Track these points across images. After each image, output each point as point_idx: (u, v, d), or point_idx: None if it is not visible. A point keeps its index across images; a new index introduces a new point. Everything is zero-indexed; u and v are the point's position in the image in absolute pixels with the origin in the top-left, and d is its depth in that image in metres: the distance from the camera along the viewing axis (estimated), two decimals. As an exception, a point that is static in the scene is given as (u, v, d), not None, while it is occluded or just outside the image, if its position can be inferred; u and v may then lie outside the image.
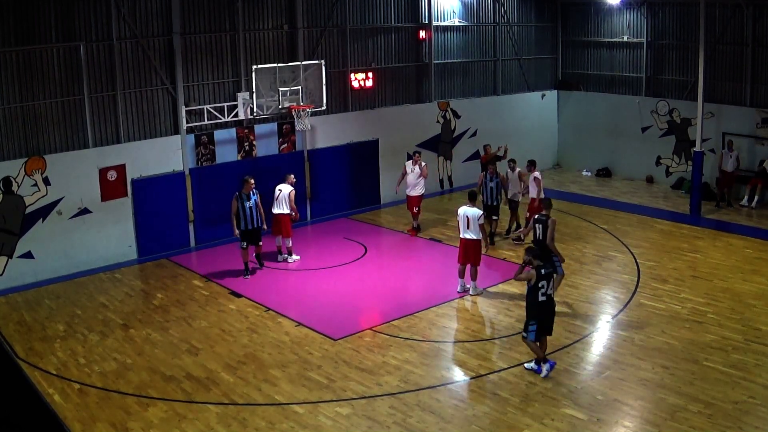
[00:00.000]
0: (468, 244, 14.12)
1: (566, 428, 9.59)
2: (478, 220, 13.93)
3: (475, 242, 14.08)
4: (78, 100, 16.05)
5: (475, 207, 14.18)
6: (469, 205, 14.19)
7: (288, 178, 16.30)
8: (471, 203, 14.24)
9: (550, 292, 10.78)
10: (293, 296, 14.62)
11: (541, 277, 10.67)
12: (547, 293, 10.75)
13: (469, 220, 13.97)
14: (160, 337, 12.83)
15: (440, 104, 22.40)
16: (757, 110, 20.36)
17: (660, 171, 23.00)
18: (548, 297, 10.78)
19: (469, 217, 13.98)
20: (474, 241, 14.07)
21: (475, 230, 13.99)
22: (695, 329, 12.43)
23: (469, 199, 14.35)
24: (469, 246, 14.12)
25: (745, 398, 10.13)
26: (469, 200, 14.32)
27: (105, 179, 16.38)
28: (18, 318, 13.84)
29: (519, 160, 17.82)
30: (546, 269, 10.77)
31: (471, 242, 14.09)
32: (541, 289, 10.68)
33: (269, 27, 18.69)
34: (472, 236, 14.03)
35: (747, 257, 16.01)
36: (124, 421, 10.06)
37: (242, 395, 10.71)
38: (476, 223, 13.94)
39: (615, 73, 24.13)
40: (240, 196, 15.24)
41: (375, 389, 10.76)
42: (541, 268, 10.72)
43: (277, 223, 16.19)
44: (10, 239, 15.31)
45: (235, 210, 15.25)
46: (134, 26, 16.54)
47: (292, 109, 17.58)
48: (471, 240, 14.07)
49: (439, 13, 22.22)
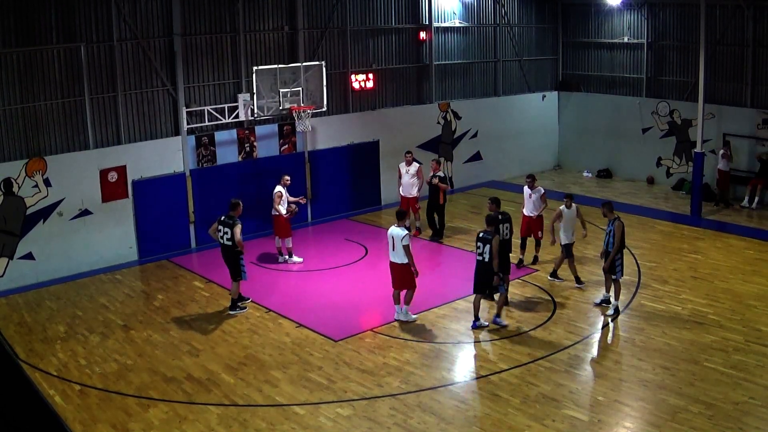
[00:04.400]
0: (394, 268, 13.00)
1: (567, 429, 9.59)
2: (402, 241, 12.65)
3: (401, 266, 12.86)
4: (79, 101, 16.06)
5: (401, 227, 12.89)
6: (396, 224, 12.96)
7: (281, 179, 16.15)
8: (398, 222, 12.96)
9: (480, 258, 12.48)
10: (294, 297, 14.62)
11: (477, 239, 12.54)
12: (483, 255, 12.40)
13: (394, 241, 12.82)
14: (160, 338, 12.84)
15: (441, 105, 22.40)
16: (758, 111, 20.37)
17: (661, 172, 23.00)
18: (481, 259, 12.45)
19: (393, 237, 12.84)
20: (400, 265, 12.87)
21: (400, 253, 12.77)
22: (696, 330, 12.43)
23: (397, 218, 13.12)
24: (395, 270, 13.00)
25: (745, 399, 10.13)
26: (397, 219, 13.07)
27: (106, 180, 16.38)
28: (19, 319, 13.84)
29: (519, 160, 17.74)
30: (484, 234, 12.46)
31: (397, 266, 12.92)
32: (477, 250, 12.53)
33: (270, 28, 18.69)
34: (396, 260, 12.89)
35: (747, 258, 16.01)
36: (124, 422, 10.06)
37: (243, 396, 10.71)
38: (401, 244, 12.69)
39: (615, 74, 24.14)
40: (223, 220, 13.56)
41: (376, 390, 10.76)
42: (480, 232, 12.60)
43: (274, 225, 16.23)
44: (11, 240, 15.32)
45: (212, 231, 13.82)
46: (135, 27, 16.55)
47: (292, 110, 17.59)
48: (396, 264, 12.92)
49: (440, 14, 22.23)
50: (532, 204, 15.72)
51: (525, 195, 15.95)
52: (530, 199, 15.76)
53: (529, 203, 15.82)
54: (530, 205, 15.77)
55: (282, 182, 16.08)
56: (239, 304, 13.90)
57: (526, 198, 15.92)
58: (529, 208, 15.81)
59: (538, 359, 11.55)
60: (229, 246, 13.46)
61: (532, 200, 15.73)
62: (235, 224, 13.36)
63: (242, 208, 13.81)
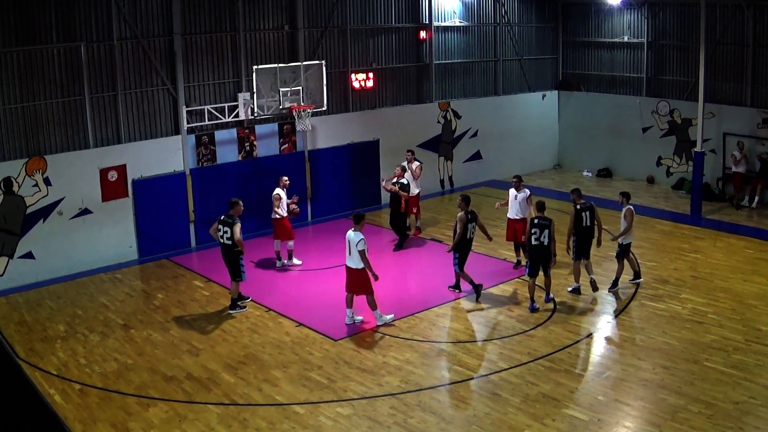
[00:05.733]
0: (349, 272, 12.75)
1: (567, 428, 9.59)
2: (357, 246, 12.40)
3: (356, 271, 12.61)
4: (79, 100, 16.06)
5: (357, 231, 12.59)
6: (353, 228, 12.69)
7: (280, 181, 15.96)
8: (355, 227, 12.65)
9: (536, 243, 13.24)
10: (294, 296, 14.61)
11: (533, 225, 13.35)
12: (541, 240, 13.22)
13: (350, 245, 12.59)
14: (160, 337, 12.84)
15: (441, 104, 22.40)
16: (758, 110, 20.36)
17: (661, 171, 22.99)
18: (538, 244, 13.25)
19: (350, 242, 12.59)
20: (355, 270, 12.63)
21: (356, 258, 12.51)
22: (696, 330, 12.43)
23: (354, 222, 12.79)
24: (351, 274, 12.74)
25: (745, 398, 10.13)
26: (354, 223, 12.74)
27: (106, 179, 16.38)
28: (19, 318, 13.84)
29: (519, 159, 17.74)
30: (540, 221, 13.29)
31: (352, 271, 12.68)
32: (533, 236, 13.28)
33: (270, 27, 18.69)
34: (351, 264, 12.66)
35: (748, 258, 16.01)
36: (124, 421, 10.07)
37: (243, 395, 10.71)
38: (356, 249, 12.43)
39: (616, 73, 24.12)
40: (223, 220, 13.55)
41: (376, 389, 10.76)
42: (535, 218, 13.45)
43: (274, 228, 16.05)
44: (11, 240, 15.32)
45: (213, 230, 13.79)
46: (135, 26, 16.55)
47: (292, 109, 17.58)
48: (351, 269, 12.69)
49: (440, 14, 22.22)
50: (518, 206, 15.24)
51: (510, 197, 15.39)
52: (516, 200, 15.26)
53: (514, 205, 15.29)
54: (516, 207, 15.28)
55: (281, 184, 15.91)
56: (239, 303, 13.90)
57: (511, 200, 15.36)
58: (514, 211, 15.30)
59: (538, 359, 11.55)
60: (229, 245, 13.45)
61: (518, 202, 15.24)
62: (234, 223, 13.35)
63: (242, 207, 13.79)
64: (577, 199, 14.09)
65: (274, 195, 15.76)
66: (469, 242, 13.96)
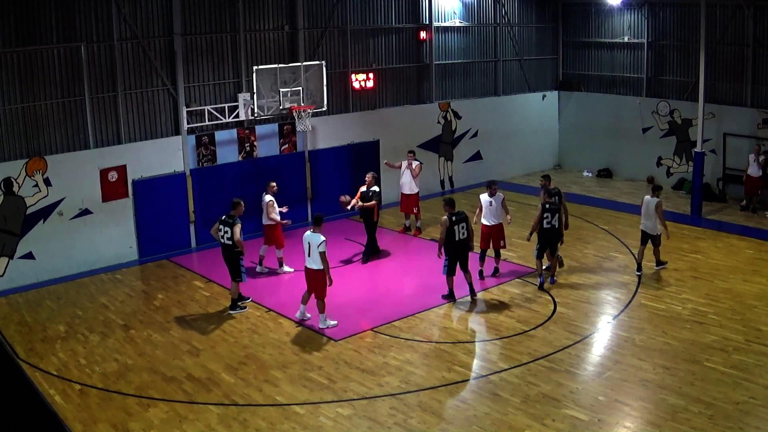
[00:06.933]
0: (309, 274, 12.72)
1: (567, 429, 9.59)
2: (319, 248, 12.34)
3: (316, 272, 12.56)
4: (79, 100, 16.06)
5: (317, 232, 12.54)
6: (312, 229, 12.65)
7: (268, 187, 15.58)
8: (314, 228, 12.62)
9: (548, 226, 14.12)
10: (294, 297, 14.58)
11: (545, 210, 14.15)
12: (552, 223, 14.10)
13: (310, 247, 12.53)
14: (161, 337, 12.84)
15: (441, 105, 22.40)
16: (758, 111, 20.36)
17: (661, 172, 22.98)
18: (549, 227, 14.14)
19: (310, 243, 12.53)
20: (315, 271, 12.57)
21: (315, 259, 12.45)
22: (696, 330, 12.43)
23: (314, 223, 12.75)
24: (310, 275, 12.70)
25: (746, 399, 10.14)
26: (314, 224, 12.72)
27: (106, 180, 16.39)
28: (19, 319, 13.84)
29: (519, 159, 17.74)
30: (550, 206, 14.20)
31: (311, 272, 12.63)
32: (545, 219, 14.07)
33: (270, 28, 18.70)
34: (312, 266, 12.59)
35: (748, 258, 16.01)
36: (125, 421, 10.07)
37: (243, 396, 10.71)
38: (317, 251, 12.38)
39: (616, 73, 24.12)
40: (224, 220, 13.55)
41: (376, 390, 10.76)
42: (546, 204, 14.23)
43: (265, 234, 15.70)
44: (11, 240, 15.32)
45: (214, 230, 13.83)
46: (135, 27, 16.55)
47: (292, 109, 17.59)
48: (311, 270, 12.63)
49: (440, 14, 22.22)
50: (494, 211, 14.80)
51: (483, 203, 14.88)
52: (491, 207, 14.80)
53: (488, 211, 14.82)
54: (489, 213, 14.82)
55: (270, 190, 15.53)
56: (239, 303, 13.89)
57: (485, 206, 14.85)
58: (488, 217, 14.85)
59: (538, 359, 11.55)
60: (230, 246, 13.45)
61: (492, 208, 14.79)
62: (235, 224, 13.35)
63: (244, 207, 13.76)
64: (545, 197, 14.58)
65: (267, 202, 15.38)
66: (459, 244, 13.57)
